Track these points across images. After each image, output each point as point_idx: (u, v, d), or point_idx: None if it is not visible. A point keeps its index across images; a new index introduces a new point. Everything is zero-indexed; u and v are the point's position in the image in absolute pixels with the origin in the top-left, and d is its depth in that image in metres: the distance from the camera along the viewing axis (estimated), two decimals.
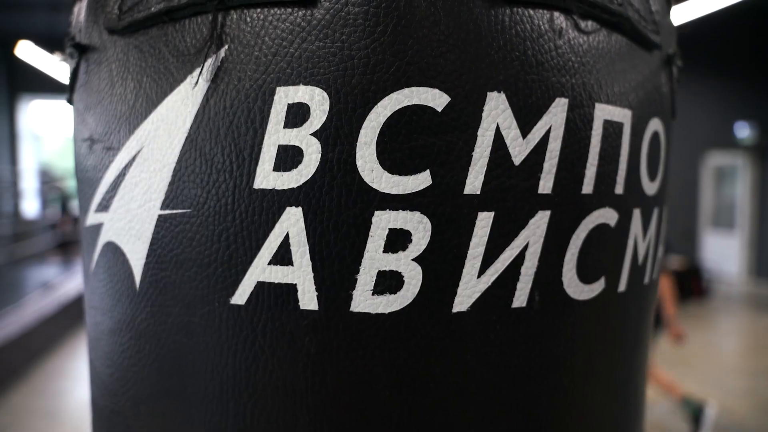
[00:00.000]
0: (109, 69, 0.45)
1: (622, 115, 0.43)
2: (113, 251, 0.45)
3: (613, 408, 0.46)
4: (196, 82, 0.39)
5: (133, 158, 0.42)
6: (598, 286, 0.43)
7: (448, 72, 0.37)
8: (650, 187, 0.47)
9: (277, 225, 0.37)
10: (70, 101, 0.53)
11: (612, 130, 0.42)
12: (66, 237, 7.31)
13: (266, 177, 0.37)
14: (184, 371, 0.40)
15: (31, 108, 8.89)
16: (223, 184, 0.38)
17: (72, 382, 4.29)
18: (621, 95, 0.43)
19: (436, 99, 0.36)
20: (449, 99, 0.37)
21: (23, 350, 4.44)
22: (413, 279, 0.37)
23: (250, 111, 0.37)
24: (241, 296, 0.38)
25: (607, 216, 0.43)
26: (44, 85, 8.60)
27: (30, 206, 8.73)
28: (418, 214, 0.36)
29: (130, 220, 0.43)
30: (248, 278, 0.38)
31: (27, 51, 6.79)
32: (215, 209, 0.38)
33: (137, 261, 0.42)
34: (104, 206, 0.45)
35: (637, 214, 0.45)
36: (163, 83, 0.41)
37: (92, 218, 0.47)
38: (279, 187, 0.37)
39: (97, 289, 0.48)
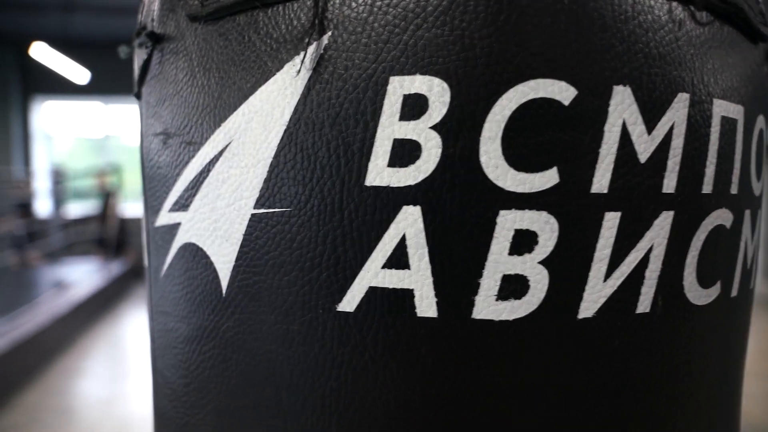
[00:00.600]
0: (188, 59, 0.41)
1: (736, 111, 0.39)
2: (193, 253, 0.40)
3: (720, 419, 0.42)
4: (298, 71, 0.34)
5: (220, 153, 0.38)
6: (714, 291, 0.39)
7: (574, 63, 0.32)
8: (757, 187, 0.43)
9: (393, 225, 0.32)
10: (138, 95, 0.48)
11: (728, 126, 0.38)
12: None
13: (380, 173, 0.32)
14: (280, 383, 0.35)
15: (43, 108, 8.82)
16: (329, 181, 0.33)
17: (86, 381, 4.23)
18: (734, 90, 0.39)
19: (562, 92, 0.32)
20: (576, 92, 0.32)
21: (37, 349, 4.37)
22: (539, 283, 0.32)
23: (360, 102, 0.33)
24: (349, 303, 0.33)
25: (724, 217, 0.38)
26: (56, 86, 8.53)
27: (43, 206, 8.66)
28: (544, 213, 0.32)
29: (215, 220, 0.38)
30: (358, 283, 0.33)
31: (41, 52, 6.73)
32: (319, 208, 0.34)
33: (224, 264, 0.37)
34: (182, 205, 0.41)
35: (747, 215, 0.41)
36: (255, 73, 0.36)
37: (165, 218, 0.43)
38: (395, 184, 0.32)
39: (171, 293, 0.43)
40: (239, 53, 0.37)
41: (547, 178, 0.32)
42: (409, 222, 0.32)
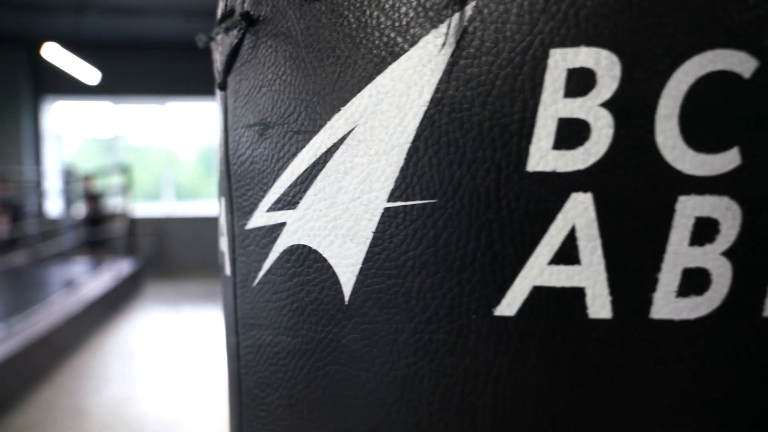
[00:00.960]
0: (292, 40, 0.36)
1: None
2: (303, 257, 0.35)
3: None
4: (443, 44, 0.30)
5: (341, 140, 0.33)
6: None
7: (754, 31, 0.28)
8: None
9: (560, 215, 0.28)
10: (222, 86, 0.44)
11: None
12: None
13: (544, 157, 0.28)
14: (419, 401, 0.31)
15: (54, 109, 8.73)
16: (482, 168, 0.29)
17: (98, 381, 4.18)
18: None
19: (743, 63, 0.28)
20: (758, 63, 0.28)
21: (50, 348, 4.31)
22: (722, 277, 0.28)
23: (516, 79, 0.28)
24: (509, 306, 0.29)
25: None
26: (67, 87, 8.44)
27: (54, 206, 8.59)
28: (726, 199, 0.28)
29: (335, 217, 0.33)
30: (520, 283, 0.28)
31: (52, 53, 6.65)
32: (471, 199, 0.29)
33: (347, 267, 0.33)
34: (288, 203, 0.36)
35: None
36: (381, 51, 0.32)
37: (263, 219, 0.37)
38: (561, 169, 0.28)
39: (268, 303, 0.38)
40: (358, 31, 0.33)
41: (728, 160, 0.28)
42: (579, 211, 0.28)
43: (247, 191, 0.40)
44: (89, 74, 7.72)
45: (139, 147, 9.29)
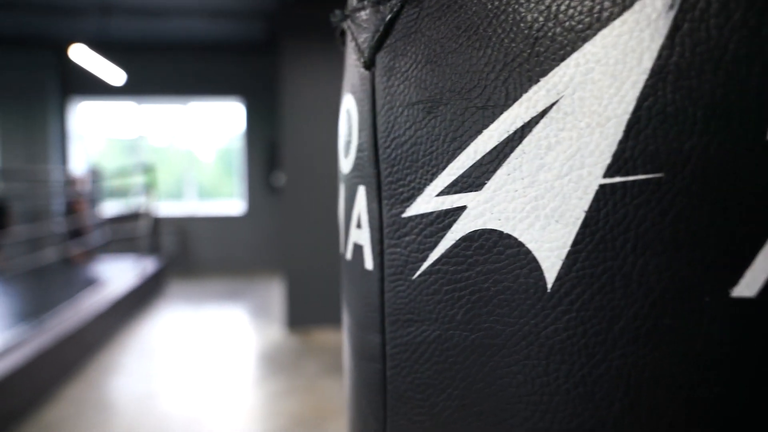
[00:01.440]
0: (464, 11, 0.33)
1: None
2: (492, 243, 0.32)
3: None
4: (670, 6, 0.28)
5: (541, 114, 0.30)
6: None
7: None
8: None
9: None
10: (369, 65, 0.41)
11: None
12: None
13: None
14: (638, 393, 0.28)
15: (79, 109, 8.85)
16: (716, 138, 0.26)
17: (125, 377, 4.21)
18: None
19: None
20: None
21: (79, 345, 4.35)
22: None
23: (752, 39, 0.26)
24: (749, 286, 0.26)
25: None
26: (92, 87, 8.56)
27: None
28: None
29: (536, 197, 0.30)
30: (762, 261, 0.25)
31: (79, 54, 6.75)
32: (703, 172, 0.26)
33: (551, 251, 0.30)
34: (471, 184, 0.33)
35: None
36: (585, 17, 0.28)
37: (431, 204, 0.35)
38: None
39: (433, 295, 0.36)
40: None
41: None
42: None
43: (405, 176, 0.37)
44: (114, 75, 7.81)
45: (159, 147, 9.37)
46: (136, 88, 8.65)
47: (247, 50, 8.69)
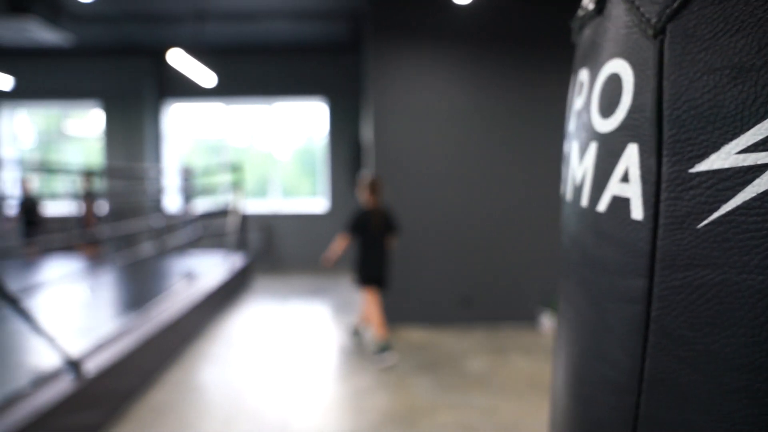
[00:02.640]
0: None
1: None
2: None
3: None
4: None
5: None
6: None
7: None
8: None
9: None
10: (658, 32, 0.43)
11: None
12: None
13: None
14: None
15: (172, 111, 9.40)
16: None
17: (216, 365, 4.42)
18: None
19: None
20: None
21: (176, 334, 4.60)
22: None
23: None
24: None
25: None
26: (184, 90, 9.13)
27: (173, 202, 9.24)
28: None
29: None
30: None
31: (175, 58, 7.23)
32: None
33: None
34: None
35: None
36: None
37: (728, 161, 0.38)
38: None
39: (722, 243, 0.38)
40: None
41: None
42: None
43: (697, 135, 0.40)
44: (205, 78, 8.24)
45: (245, 147, 9.77)
46: (225, 89, 9.08)
47: (332, 50, 8.90)
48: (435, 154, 5.35)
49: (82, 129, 9.70)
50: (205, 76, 8.16)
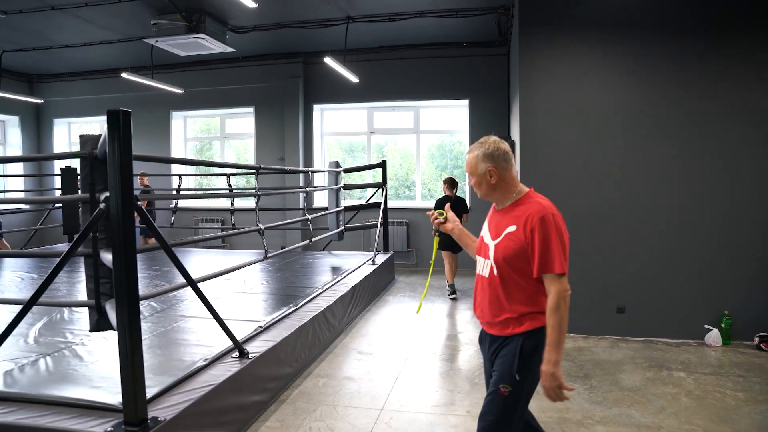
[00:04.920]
0: None
1: None
2: None
3: None
4: None
5: None
6: None
7: None
8: None
9: None
10: None
11: None
12: None
13: None
14: None
15: (319, 113, 9.95)
16: None
17: (361, 359, 4.58)
18: None
19: None
20: None
21: (324, 327, 4.82)
22: None
23: None
24: None
25: None
26: (330, 93, 9.64)
27: (320, 199, 9.80)
28: None
29: None
30: None
31: (323, 62, 7.67)
32: None
33: None
34: None
35: None
36: None
37: None
38: None
39: None
40: None
41: None
42: None
43: None
44: (351, 80, 8.59)
45: (384, 147, 10.04)
46: (368, 91, 9.40)
47: (476, 47, 8.85)
48: (591, 156, 5.06)
49: (237, 129, 10.59)
50: (349, 79, 8.51)
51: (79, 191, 8.96)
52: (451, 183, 6.98)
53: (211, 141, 10.92)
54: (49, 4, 7.03)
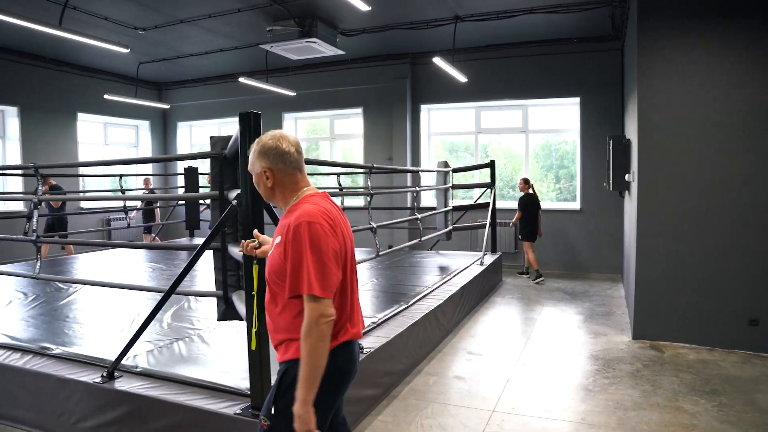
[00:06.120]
0: None
1: None
2: None
3: None
4: None
5: None
6: None
7: None
8: None
9: None
10: None
11: None
12: None
13: None
14: None
15: (426, 112, 10.03)
16: None
17: (470, 360, 4.56)
18: None
19: None
20: None
21: (433, 326, 4.86)
22: None
23: None
24: None
25: None
26: (437, 92, 9.71)
27: (428, 199, 9.88)
28: None
29: None
30: None
31: (438, 64, 7.74)
32: None
33: None
34: None
35: None
36: None
37: None
38: None
39: None
40: None
41: None
42: None
43: None
44: (458, 80, 8.57)
45: (491, 146, 9.91)
46: (476, 91, 9.33)
47: (588, 45, 8.53)
48: (716, 155, 4.68)
49: (345, 130, 10.89)
50: (457, 78, 8.49)
51: (200, 189, 9.71)
52: (525, 181, 8.16)
53: (317, 141, 11.32)
54: (178, 18, 7.62)
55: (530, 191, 8.16)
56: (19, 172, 8.94)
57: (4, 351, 3.60)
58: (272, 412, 1.77)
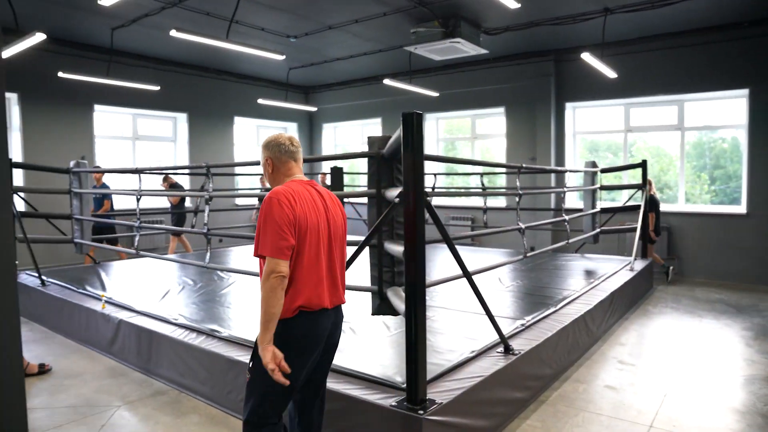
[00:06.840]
0: None
1: None
2: None
3: None
4: None
5: None
6: None
7: None
8: None
9: None
10: None
11: None
12: None
13: None
14: None
15: (571, 110, 9.67)
16: None
17: (621, 369, 4.33)
18: None
19: None
20: None
21: (582, 331, 4.68)
22: None
23: None
24: None
25: None
26: (585, 89, 9.31)
27: (575, 200, 9.55)
28: None
29: None
30: None
31: (586, 59, 7.45)
32: None
33: None
34: None
35: None
36: None
37: None
38: None
39: None
40: None
41: None
42: None
43: None
44: (607, 75, 8.14)
45: (631, 143, 9.30)
46: (626, 87, 8.81)
47: (762, 29, 7.69)
48: None
49: (486, 130, 10.79)
50: (605, 74, 8.08)
51: (344, 188, 10.15)
52: (651, 183, 7.99)
53: (454, 141, 11.34)
54: (327, 25, 8.03)
55: (652, 192, 8.04)
56: (186, 171, 9.97)
57: (184, 330, 4.06)
58: (250, 365, 2.15)
